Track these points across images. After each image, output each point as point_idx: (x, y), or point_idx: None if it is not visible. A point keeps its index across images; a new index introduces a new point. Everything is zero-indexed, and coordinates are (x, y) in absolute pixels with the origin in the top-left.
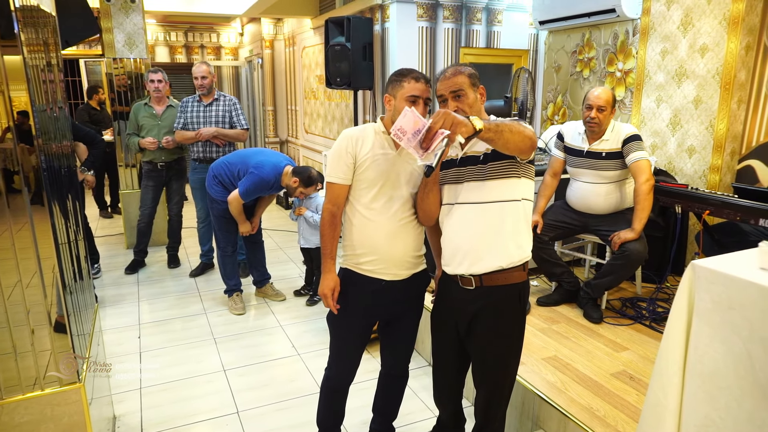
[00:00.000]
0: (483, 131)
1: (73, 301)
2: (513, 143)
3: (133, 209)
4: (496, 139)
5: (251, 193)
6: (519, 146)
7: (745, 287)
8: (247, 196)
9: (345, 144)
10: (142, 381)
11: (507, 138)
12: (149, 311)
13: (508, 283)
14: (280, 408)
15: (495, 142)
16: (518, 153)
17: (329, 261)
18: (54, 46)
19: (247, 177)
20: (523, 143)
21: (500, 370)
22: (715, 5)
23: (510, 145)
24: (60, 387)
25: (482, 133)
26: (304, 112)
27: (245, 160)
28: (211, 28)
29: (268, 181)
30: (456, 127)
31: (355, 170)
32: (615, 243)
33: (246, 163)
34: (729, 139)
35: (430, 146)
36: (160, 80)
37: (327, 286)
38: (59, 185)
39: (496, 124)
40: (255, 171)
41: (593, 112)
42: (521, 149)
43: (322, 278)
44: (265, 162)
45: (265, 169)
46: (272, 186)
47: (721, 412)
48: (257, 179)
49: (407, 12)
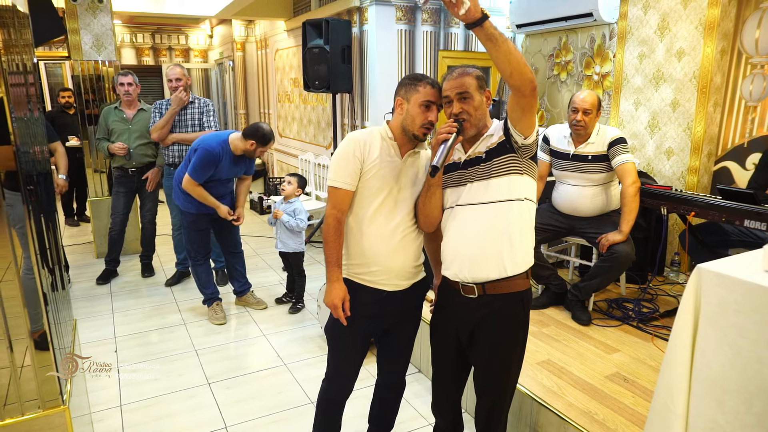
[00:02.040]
0: (488, 19)
1: (53, 313)
2: (515, 59)
3: (103, 217)
4: (500, 42)
5: (200, 170)
6: (520, 69)
7: (751, 290)
8: (197, 173)
9: (353, 148)
10: (123, 398)
11: (511, 49)
12: (125, 323)
13: (511, 291)
14: (272, 421)
15: (497, 45)
16: (518, 80)
17: (335, 269)
18: (29, 47)
19: (194, 157)
20: (523, 69)
21: (503, 379)
22: (691, 11)
23: (512, 59)
24: (42, 411)
25: (486, 23)
26: (277, 116)
27: (190, 151)
28: (180, 29)
29: (214, 152)
30: None
31: (361, 176)
32: (603, 245)
33: (191, 150)
34: (706, 141)
35: None
36: (131, 83)
37: (336, 296)
38: (36, 190)
39: (502, 34)
40: (198, 147)
41: (579, 115)
42: (521, 75)
43: (328, 288)
44: (207, 137)
45: (207, 142)
46: (221, 156)
47: (728, 416)
48: (202, 152)
49: (386, 14)
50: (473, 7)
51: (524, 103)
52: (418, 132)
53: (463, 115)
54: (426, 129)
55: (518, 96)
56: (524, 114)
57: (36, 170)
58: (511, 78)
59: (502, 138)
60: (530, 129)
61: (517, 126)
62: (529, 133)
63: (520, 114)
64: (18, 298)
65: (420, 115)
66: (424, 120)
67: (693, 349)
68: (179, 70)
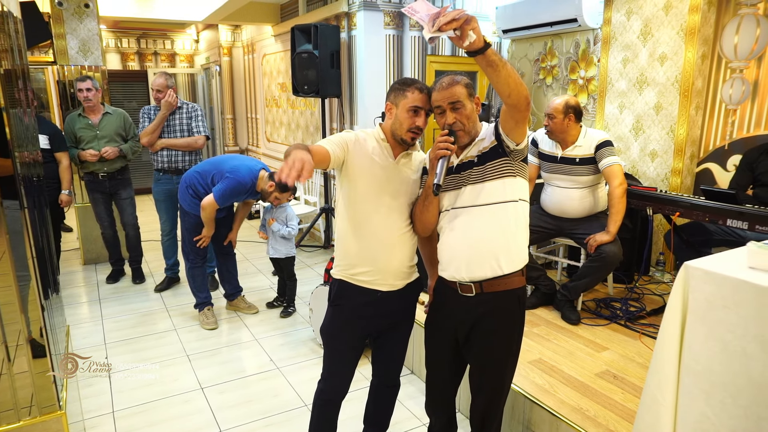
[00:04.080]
0: (490, 47)
1: (49, 319)
2: (514, 82)
3: (89, 223)
4: (500, 67)
5: (227, 198)
6: (518, 89)
7: (737, 286)
8: (223, 200)
9: (345, 135)
10: (115, 404)
11: (510, 72)
12: (115, 329)
13: (508, 288)
14: (267, 424)
15: (498, 70)
16: (515, 99)
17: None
18: (22, 51)
19: (223, 181)
20: (521, 89)
21: (500, 376)
22: (672, 16)
23: (510, 82)
24: (39, 416)
25: (489, 51)
26: (265, 120)
27: (219, 167)
28: (165, 34)
29: (245, 185)
30: (471, 22)
31: (345, 166)
32: (591, 246)
33: (220, 169)
34: (688, 143)
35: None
36: (89, 88)
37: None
38: (33, 194)
39: (502, 58)
40: (231, 175)
41: (546, 120)
42: (519, 95)
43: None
44: (241, 166)
45: (240, 173)
46: (248, 190)
47: (715, 409)
48: (234, 183)
49: (374, 20)
50: (477, 38)
51: (519, 116)
52: (405, 136)
53: (457, 125)
54: (413, 134)
55: (514, 111)
56: (517, 125)
57: (32, 176)
58: (510, 98)
59: (494, 143)
60: (522, 136)
61: (510, 135)
62: (521, 140)
63: (513, 125)
64: (15, 304)
65: (407, 120)
66: (411, 125)
67: (681, 344)
68: (161, 80)
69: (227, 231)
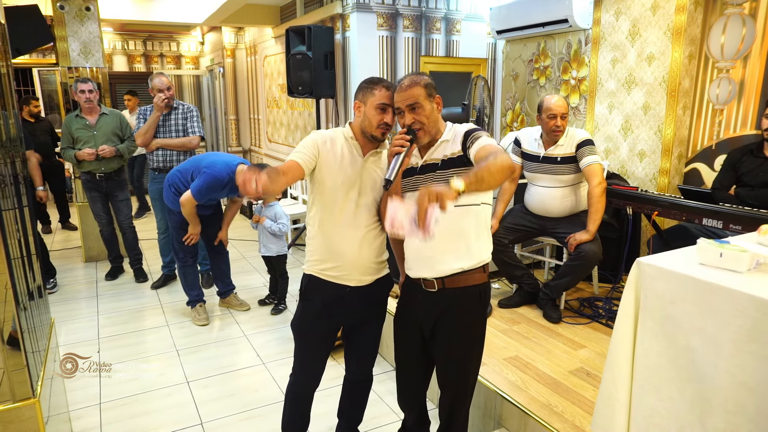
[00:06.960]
0: (466, 189)
1: (27, 316)
2: (495, 182)
3: (89, 221)
4: (481, 188)
5: (204, 193)
6: (502, 180)
7: (684, 282)
8: (200, 195)
9: (315, 138)
10: (102, 396)
11: (489, 183)
12: (108, 325)
13: (469, 284)
14: (245, 417)
15: (484, 185)
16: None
17: None
18: (3, 54)
19: (200, 177)
20: (504, 175)
21: (464, 370)
22: (659, 17)
23: (494, 184)
24: (12, 403)
25: (466, 190)
26: (267, 121)
27: (197, 164)
28: (171, 36)
29: (221, 180)
30: (442, 199)
31: (321, 169)
32: (571, 244)
33: (198, 165)
34: (676, 143)
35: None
36: (91, 90)
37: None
38: (10, 196)
39: (475, 174)
40: (207, 170)
41: (558, 120)
42: (505, 179)
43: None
44: (217, 161)
45: (216, 167)
46: (226, 185)
47: (665, 403)
48: (210, 178)
49: (367, 21)
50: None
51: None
52: (375, 133)
53: (416, 125)
54: (383, 129)
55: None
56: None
57: (8, 174)
58: (501, 183)
59: (460, 153)
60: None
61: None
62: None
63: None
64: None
65: (376, 117)
66: (379, 121)
67: (634, 339)
68: (165, 79)
69: (217, 231)
